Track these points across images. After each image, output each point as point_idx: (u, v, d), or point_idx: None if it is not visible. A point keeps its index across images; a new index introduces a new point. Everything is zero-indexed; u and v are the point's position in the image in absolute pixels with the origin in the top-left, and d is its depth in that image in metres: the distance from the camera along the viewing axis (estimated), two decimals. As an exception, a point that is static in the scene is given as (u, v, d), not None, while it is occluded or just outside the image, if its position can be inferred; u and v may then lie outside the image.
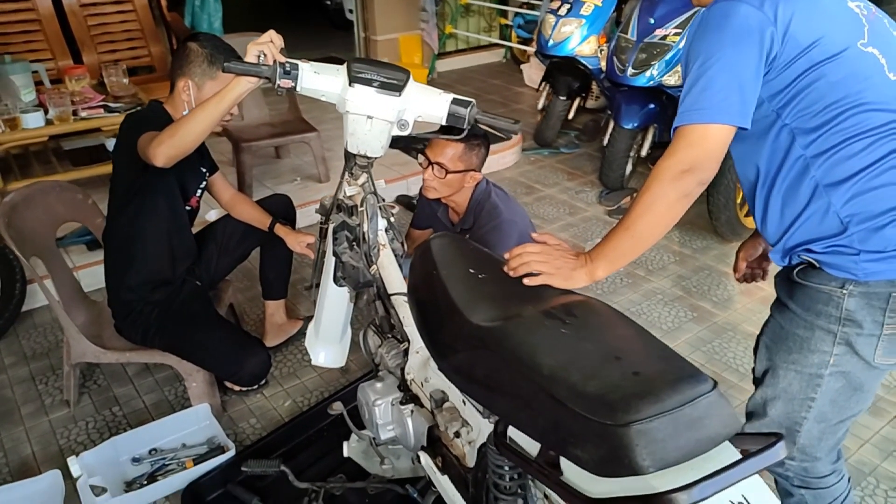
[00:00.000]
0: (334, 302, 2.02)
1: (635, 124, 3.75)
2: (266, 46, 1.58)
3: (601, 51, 4.12)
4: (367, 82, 1.61)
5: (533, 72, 5.98)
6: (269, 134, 3.77)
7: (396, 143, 2.38)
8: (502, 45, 6.89)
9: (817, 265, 1.35)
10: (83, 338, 2.14)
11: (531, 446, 1.16)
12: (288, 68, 1.60)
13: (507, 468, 1.25)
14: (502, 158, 4.46)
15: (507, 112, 5.42)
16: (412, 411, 1.70)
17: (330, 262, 1.93)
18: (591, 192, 4.08)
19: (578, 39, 4.29)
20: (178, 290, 2.18)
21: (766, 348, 1.49)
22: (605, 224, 3.70)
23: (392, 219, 1.91)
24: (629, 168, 4.04)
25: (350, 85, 1.60)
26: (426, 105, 1.68)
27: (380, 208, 1.86)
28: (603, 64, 4.01)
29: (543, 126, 4.63)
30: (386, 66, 1.66)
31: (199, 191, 2.23)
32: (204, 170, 2.24)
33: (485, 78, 6.54)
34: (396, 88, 1.63)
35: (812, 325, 1.37)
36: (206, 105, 1.69)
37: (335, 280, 1.94)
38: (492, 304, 1.28)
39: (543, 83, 4.56)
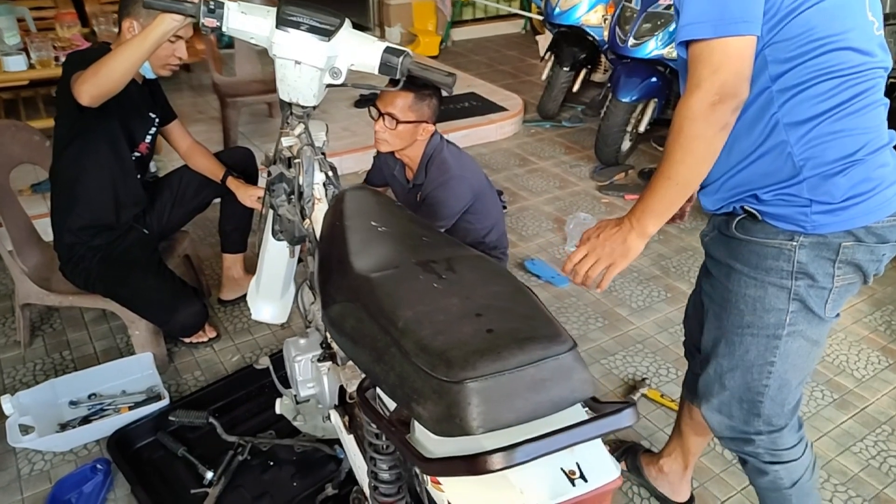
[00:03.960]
0: (274, 256, 1.98)
1: (633, 97, 3.61)
2: None
3: (605, 20, 3.97)
4: (296, 25, 1.54)
5: (548, 43, 5.82)
6: (257, 90, 3.72)
7: (365, 102, 2.31)
8: (521, 16, 6.72)
9: (759, 217, 1.26)
10: (26, 279, 2.14)
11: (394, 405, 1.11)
12: (212, 6, 1.53)
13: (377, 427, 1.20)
14: (500, 129, 4.36)
15: (514, 84, 5.30)
16: (328, 369, 1.66)
17: (270, 215, 1.89)
18: (585, 166, 3.96)
19: (585, 8, 4.16)
20: (122, 236, 2.16)
21: (715, 316, 1.41)
22: (593, 199, 3.59)
23: (331, 173, 1.85)
24: (627, 144, 3.90)
25: (278, 27, 1.54)
26: (359, 53, 1.61)
27: (318, 161, 1.80)
28: (606, 34, 3.86)
29: (546, 97, 4.50)
30: (319, 10, 1.59)
31: (149, 137, 2.20)
32: (153, 116, 2.20)
33: (500, 48, 6.40)
34: (326, 33, 1.56)
35: (763, 282, 1.29)
36: (129, 44, 1.64)
37: (273, 233, 1.89)
38: (377, 256, 1.22)
39: (548, 53, 4.42)
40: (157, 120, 2.22)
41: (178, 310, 2.09)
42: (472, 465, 0.83)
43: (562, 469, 0.86)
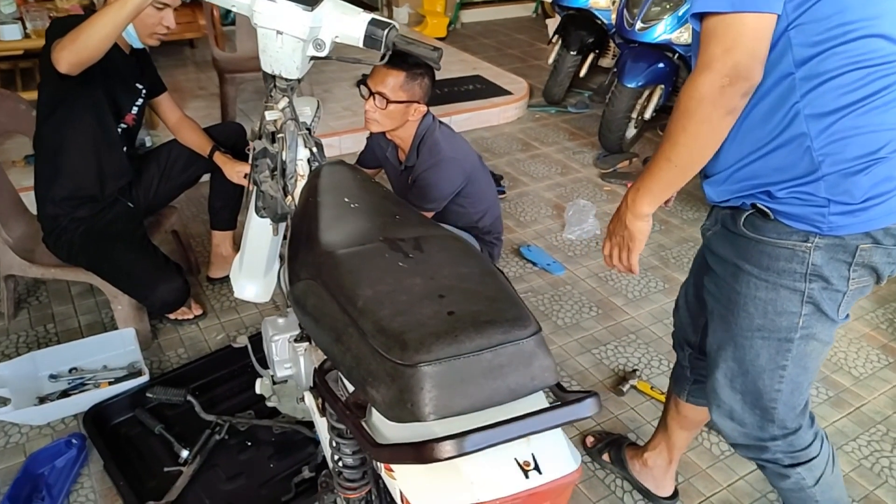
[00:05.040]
0: (257, 234, 1.94)
1: (639, 83, 3.52)
2: None
3: (614, 2, 3.88)
4: None
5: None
6: (256, 67, 3.64)
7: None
8: (532, -1, 6.62)
9: (771, 216, 1.19)
10: (8, 249, 2.11)
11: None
12: None
13: (341, 410, 1.16)
14: (504, 112, 4.28)
15: (522, 68, 5.21)
16: (305, 350, 1.62)
17: (254, 192, 1.85)
18: (589, 153, 3.88)
19: (595, -10, 4.06)
20: (106, 209, 2.12)
21: (721, 318, 1.34)
22: (595, 186, 3.52)
23: (315, 149, 1.80)
24: (632, 131, 3.82)
25: None
26: (343, 24, 1.56)
27: (302, 137, 1.75)
28: (614, 17, 3.77)
29: (551, 82, 4.41)
30: None
31: (135, 108, 2.14)
32: (140, 87, 2.15)
33: (510, 32, 6.30)
34: (309, 2, 1.50)
35: (776, 285, 1.22)
36: (107, 9, 1.60)
37: (256, 210, 1.85)
38: (344, 233, 1.17)
39: (555, 36, 4.33)
40: (144, 91, 2.16)
41: (159, 285, 2.05)
42: (420, 452, 0.79)
43: (516, 460, 0.82)
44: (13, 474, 1.79)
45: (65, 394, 2.04)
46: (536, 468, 0.81)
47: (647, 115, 3.69)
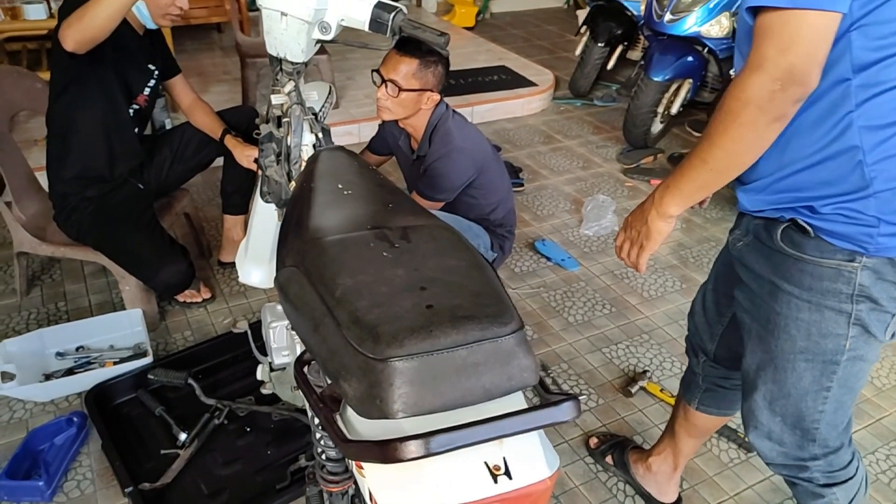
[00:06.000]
0: (262, 219, 1.92)
1: (666, 76, 3.42)
2: None
3: (643, -6, 3.78)
4: None
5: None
6: (279, 52, 3.64)
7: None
8: (564, -10, 6.51)
9: (812, 233, 1.10)
10: (19, 227, 2.13)
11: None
12: None
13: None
14: (528, 104, 4.22)
15: (550, 60, 5.13)
16: (301, 337, 1.60)
17: (260, 176, 1.83)
18: (613, 148, 3.80)
19: (624, -20, 3.96)
20: (116, 189, 2.12)
21: (759, 338, 1.25)
22: (617, 182, 3.44)
23: (321, 135, 1.77)
24: (658, 126, 3.73)
25: None
26: (349, 7, 1.53)
27: (309, 122, 1.73)
28: (643, 8, 3.67)
29: (578, 74, 4.33)
30: None
31: (147, 89, 2.14)
32: (153, 68, 2.14)
33: (540, 23, 6.21)
34: None
35: (820, 305, 1.13)
36: (111, -13, 1.58)
37: (262, 195, 1.83)
38: (332, 220, 1.13)
39: (583, 27, 4.24)
40: (156, 72, 2.16)
41: (163, 268, 2.05)
42: (384, 451, 0.75)
43: (486, 463, 0.78)
44: (15, 449, 1.80)
45: (70, 372, 2.05)
46: (507, 473, 0.77)
47: (674, 109, 3.58)
